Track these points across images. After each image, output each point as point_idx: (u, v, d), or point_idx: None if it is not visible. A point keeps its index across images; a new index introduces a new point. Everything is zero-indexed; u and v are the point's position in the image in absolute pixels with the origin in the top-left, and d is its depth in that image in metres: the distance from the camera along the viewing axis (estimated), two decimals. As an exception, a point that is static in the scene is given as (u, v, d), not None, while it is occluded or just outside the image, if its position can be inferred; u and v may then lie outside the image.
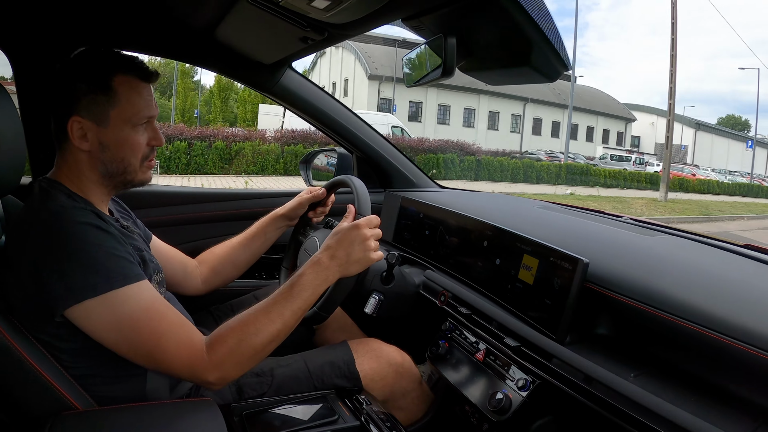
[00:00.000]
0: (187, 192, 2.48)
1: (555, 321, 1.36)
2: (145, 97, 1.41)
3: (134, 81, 1.39)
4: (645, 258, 1.47)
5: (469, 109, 46.41)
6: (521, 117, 49.30)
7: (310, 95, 2.31)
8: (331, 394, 1.57)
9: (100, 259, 1.24)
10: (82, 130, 1.37)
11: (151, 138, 1.46)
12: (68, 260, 1.22)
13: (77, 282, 1.21)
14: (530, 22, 1.14)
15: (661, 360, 1.22)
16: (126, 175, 1.44)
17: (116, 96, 1.37)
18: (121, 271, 1.26)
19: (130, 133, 1.40)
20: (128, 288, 1.26)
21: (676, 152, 56.83)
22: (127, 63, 1.40)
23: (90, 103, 1.35)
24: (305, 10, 1.40)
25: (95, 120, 1.36)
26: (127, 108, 1.38)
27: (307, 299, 1.41)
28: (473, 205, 2.04)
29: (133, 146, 1.42)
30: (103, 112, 1.36)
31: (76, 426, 1.24)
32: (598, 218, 1.91)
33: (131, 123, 1.39)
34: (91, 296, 1.22)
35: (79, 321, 1.25)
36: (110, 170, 1.42)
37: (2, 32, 1.92)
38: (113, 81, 1.36)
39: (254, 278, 2.45)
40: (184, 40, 2.11)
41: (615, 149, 48.86)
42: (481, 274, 1.71)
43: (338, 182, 1.94)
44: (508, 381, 1.44)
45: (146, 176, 1.49)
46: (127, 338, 1.26)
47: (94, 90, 1.35)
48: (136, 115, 1.40)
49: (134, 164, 1.43)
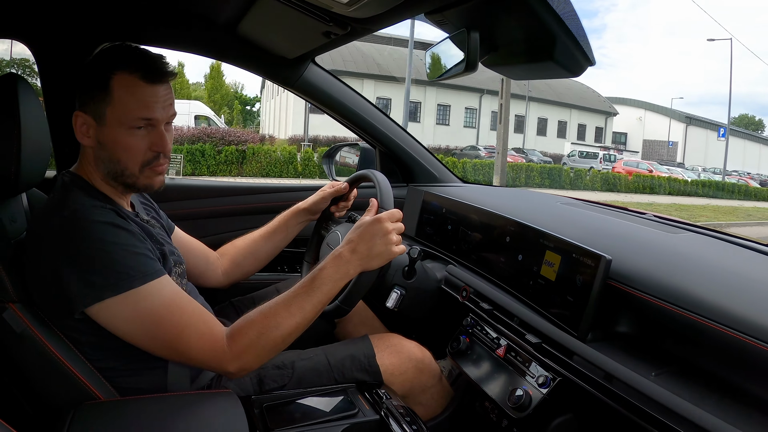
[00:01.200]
0: (210, 185, 2.50)
1: (577, 318, 1.34)
2: (144, 99, 1.36)
3: (134, 81, 1.34)
4: (668, 256, 1.45)
5: (415, 102, 40.32)
6: (477, 110, 43.86)
7: (333, 90, 2.32)
8: (352, 388, 1.58)
9: (119, 258, 1.26)
10: (85, 126, 1.37)
11: (152, 143, 1.40)
12: (87, 259, 1.24)
13: (97, 281, 1.23)
14: (553, 16, 1.13)
15: (683, 359, 1.20)
16: (125, 178, 1.41)
17: (111, 94, 1.34)
18: (141, 269, 1.27)
19: (124, 135, 1.36)
20: (148, 285, 1.27)
21: (663, 149, 54.71)
22: (131, 61, 1.36)
23: (89, 99, 1.35)
24: (328, 4, 1.41)
25: (94, 117, 1.36)
26: (119, 108, 1.34)
27: (328, 293, 1.42)
28: (496, 201, 2.02)
29: (128, 149, 1.37)
30: (99, 109, 1.35)
31: (97, 416, 1.25)
32: (622, 215, 1.89)
33: (125, 124, 1.35)
34: (111, 295, 1.24)
35: (100, 318, 1.27)
36: (110, 170, 1.40)
37: (28, 28, 1.95)
38: (111, 79, 1.33)
39: (276, 271, 2.46)
40: (208, 34, 2.12)
41: (586, 145, 44.30)
42: (503, 270, 1.70)
43: (361, 177, 1.94)
44: (529, 378, 1.43)
45: (151, 181, 1.44)
46: (148, 333, 1.28)
47: (93, 86, 1.35)
48: (128, 116, 1.35)
49: (131, 168, 1.39)
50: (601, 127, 52.21)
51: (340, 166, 2.70)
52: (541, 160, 34.07)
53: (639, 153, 50.59)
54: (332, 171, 2.66)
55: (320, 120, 32.12)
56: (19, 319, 1.27)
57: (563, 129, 48.93)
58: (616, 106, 54.72)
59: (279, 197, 2.52)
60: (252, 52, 2.16)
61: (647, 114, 57.66)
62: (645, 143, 55.89)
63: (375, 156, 2.61)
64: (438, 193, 2.25)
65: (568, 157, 38.90)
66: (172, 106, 1.43)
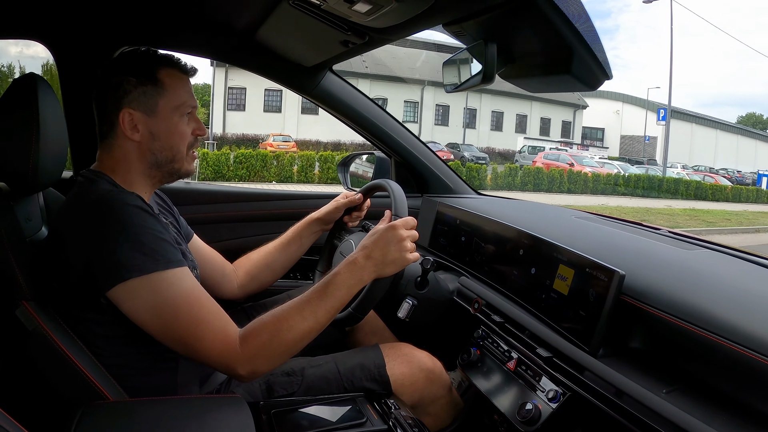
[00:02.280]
0: (226, 191, 2.51)
1: (589, 333, 1.34)
2: (188, 88, 1.49)
3: (177, 73, 1.47)
4: (682, 272, 1.44)
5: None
6: (419, 104, 40.88)
7: (350, 99, 2.33)
8: (360, 397, 1.57)
9: (146, 241, 1.28)
10: (133, 122, 1.42)
11: (195, 128, 1.52)
12: (115, 240, 1.26)
13: (123, 261, 1.25)
14: (571, 29, 1.13)
15: (695, 377, 1.19)
16: (174, 163, 1.49)
17: (163, 86, 1.44)
18: (166, 255, 1.29)
19: (178, 122, 1.47)
20: (171, 272, 1.29)
21: (638, 144, 49.75)
22: (168, 58, 1.48)
23: (140, 94, 1.42)
24: (347, 13, 1.42)
25: (145, 110, 1.43)
26: (173, 98, 1.45)
27: (341, 298, 1.42)
28: (510, 214, 2.02)
29: (181, 134, 1.48)
30: (152, 102, 1.43)
31: (106, 416, 1.26)
32: (636, 230, 1.87)
33: (178, 112, 1.46)
34: (136, 275, 1.25)
35: (121, 301, 1.28)
36: (159, 159, 1.47)
37: (49, 31, 1.97)
38: (159, 72, 1.44)
39: (289, 278, 2.47)
40: (226, 41, 2.14)
41: (539, 140, 40.73)
42: (515, 283, 1.70)
43: (375, 186, 1.94)
44: (539, 392, 1.42)
45: (191, 167, 1.55)
46: (165, 322, 1.29)
47: (143, 82, 1.42)
48: (183, 104, 1.47)
49: (181, 152, 1.49)
50: (569, 121, 47.93)
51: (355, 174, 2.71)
52: (473, 156, 31.69)
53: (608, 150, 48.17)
54: (347, 180, 2.67)
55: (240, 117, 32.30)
56: (32, 316, 1.29)
57: (522, 123, 45.52)
58: (592, 99, 50.59)
59: (293, 204, 2.53)
60: (270, 59, 2.18)
61: (625, 107, 52.75)
62: (622, 139, 51.85)
63: (390, 166, 2.61)
64: (452, 204, 2.25)
65: (519, 153, 37.35)
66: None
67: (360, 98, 2.35)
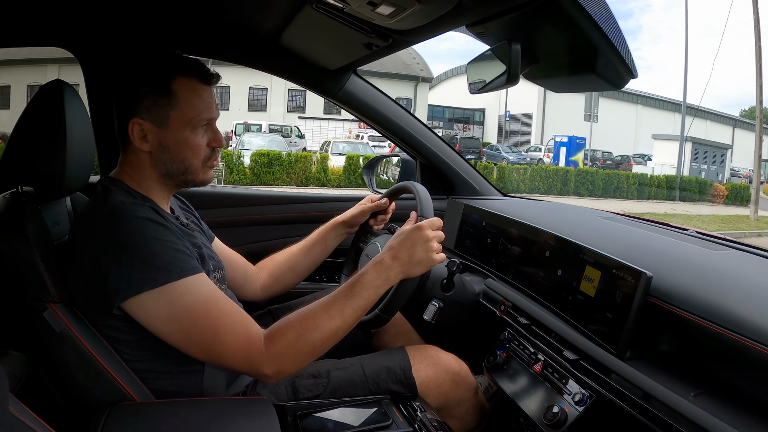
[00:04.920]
0: (250, 194, 2.53)
1: (616, 335, 1.32)
2: (206, 100, 1.44)
3: (194, 83, 1.42)
4: (711, 273, 1.42)
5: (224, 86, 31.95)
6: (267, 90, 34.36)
7: (375, 101, 2.33)
8: (386, 399, 1.57)
9: (158, 252, 1.28)
10: (143, 132, 1.41)
11: (211, 139, 1.48)
12: (127, 253, 1.27)
13: (135, 274, 1.26)
14: (596, 28, 1.12)
15: (723, 380, 1.17)
16: (187, 175, 1.47)
17: (176, 98, 1.40)
18: (179, 264, 1.30)
19: (190, 135, 1.43)
20: (186, 281, 1.29)
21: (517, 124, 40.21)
22: (187, 66, 1.43)
23: (150, 104, 1.40)
24: (370, 16, 1.42)
25: (155, 122, 1.41)
26: (186, 110, 1.41)
27: (368, 298, 1.42)
28: (536, 215, 2.00)
29: (193, 148, 1.44)
30: (163, 113, 1.40)
31: (132, 417, 1.27)
32: (663, 230, 1.85)
33: (191, 125, 1.42)
34: (148, 288, 1.26)
35: (137, 313, 1.29)
36: (170, 170, 1.46)
37: (73, 37, 2.01)
38: (173, 83, 1.40)
39: (315, 281, 2.47)
40: (250, 45, 2.16)
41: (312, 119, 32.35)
42: (542, 285, 1.68)
43: (401, 188, 1.94)
44: (565, 395, 1.41)
45: (207, 176, 1.51)
46: (184, 330, 1.30)
47: (154, 92, 1.39)
48: (196, 117, 1.42)
49: (195, 165, 1.46)
50: (409, 99, 36.56)
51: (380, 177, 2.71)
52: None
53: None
54: (373, 182, 2.67)
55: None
56: (59, 319, 1.31)
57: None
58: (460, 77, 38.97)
59: (318, 207, 2.54)
60: (294, 62, 2.19)
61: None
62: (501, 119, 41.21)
63: (416, 168, 2.61)
64: (478, 205, 2.24)
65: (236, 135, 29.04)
66: (218, 106, 1.51)
67: (384, 100, 2.35)
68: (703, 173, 31.18)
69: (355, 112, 2.37)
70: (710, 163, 33.36)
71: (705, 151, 33.25)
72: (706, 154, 33.22)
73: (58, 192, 1.45)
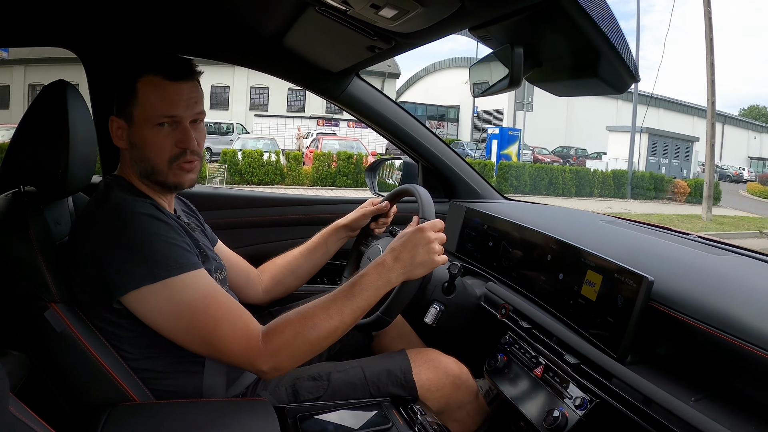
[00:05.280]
0: (251, 196, 2.53)
1: (617, 339, 1.32)
2: (169, 97, 1.40)
3: (158, 80, 1.40)
4: (712, 278, 1.42)
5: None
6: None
7: (377, 104, 2.33)
8: (386, 402, 1.57)
9: (158, 248, 1.29)
10: (120, 129, 1.43)
11: (177, 139, 1.42)
12: (127, 248, 1.28)
13: (135, 269, 1.26)
14: (598, 32, 1.12)
15: (724, 384, 1.17)
16: (156, 175, 1.44)
17: (137, 95, 1.40)
18: (179, 260, 1.31)
19: (150, 133, 1.41)
20: (185, 276, 1.30)
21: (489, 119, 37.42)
22: (156, 63, 1.41)
23: (119, 102, 1.42)
24: (372, 19, 1.42)
25: (125, 119, 1.42)
26: (146, 107, 1.40)
27: (368, 299, 1.42)
28: (538, 218, 2.01)
29: (155, 147, 1.41)
30: (128, 111, 1.41)
31: (133, 417, 1.28)
32: (665, 235, 1.85)
33: (150, 122, 1.40)
34: (148, 283, 1.27)
35: (136, 308, 1.30)
36: (142, 169, 1.45)
37: (76, 38, 2.01)
38: (138, 81, 1.40)
39: (316, 283, 2.47)
40: (253, 47, 2.16)
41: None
42: (543, 289, 1.68)
43: (402, 191, 1.94)
44: (566, 399, 1.41)
45: (178, 179, 1.46)
46: (183, 325, 1.31)
47: (122, 90, 1.42)
48: (155, 115, 1.40)
49: (160, 165, 1.43)
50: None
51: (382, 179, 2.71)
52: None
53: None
54: (374, 185, 2.67)
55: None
56: (60, 318, 1.31)
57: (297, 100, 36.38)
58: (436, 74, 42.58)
59: (319, 210, 2.54)
60: (297, 65, 2.19)
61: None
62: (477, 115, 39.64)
63: (418, 171, 2.61)
64: (480, 209, 2.24)
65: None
66: (198, 104, 1.46)
67: (387, 103, 2.35)
68: (663, 168, 29.66)
69: (358, 115, 2.37)
70: (672, 157, 31.06)
71: (666, 144, 30.99)
72: (666, 147, 30.97)
73: (60, 192, 1.45)
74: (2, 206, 1.43)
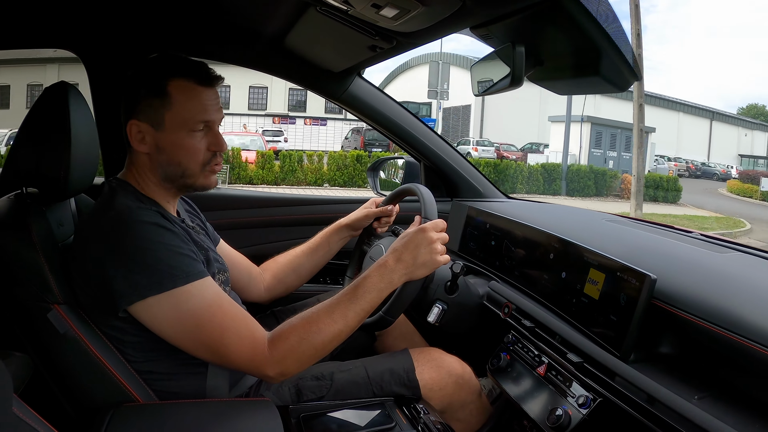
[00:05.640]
0: (255, 196, 2.53)
1: (620, 338, 1.32)
2: (203, 102, 1.42)
3: (190, 85, 1.41)
4: (715, 276, 1.41)
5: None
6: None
7: (379, 103, 2.33)
8: (389, 402, 1.57)
9: (163, 257, 1.29)
10: (141, 134, 1.41)
11: (210, 143, 1.46)
12: (132, 258, 1.27)
13: (141, 279, 1.26)
14: (599, 30, 1.12)
15: (727, 383, 1.17)
16: (185, 179, 1.46)
17: (170, 99, 1.39)
18: (184, 269, 1.30)
19: (186, 138, 1.42)
20: (191, 285, 1.30)
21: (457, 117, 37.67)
22: (185, 68, 1.42)
23: (146, 106, 1.40)
24: (374, 19, 1.42)
25: (151, 123, 1.41)
26: (181, 112, 1.40)
27: (371, 301, 1.42)
28: (540, 217, 2.00)
29: (189, 150, 1.43)
30: (158, 115, 1.40)
31: (136, 418, 1.28)
32: (667, 233, 1.84)
33: (186, 127, 1.41)
34: (154, 293, 1.26)
35: (142, 317, 1.30)
36: (168, 173, 1.45)
37: (79, 39, 2.02)
38: (168, 85, 1.39)
39: (318, 283, 2.47)
40: (254, 48, 2.17)
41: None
42: (546, 287, 1.68)
43: (404, 191, 1.94)
44: (569, 397, 1.40)
45: (208, 181, 1.49)
46: (189, 333, 1.31)
47: (149, 93, 1.39)
48: (191, 120, 1.41)
49: (192, 169, 1.45)
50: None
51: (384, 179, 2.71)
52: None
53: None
54: (377, 184, 2.67)
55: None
56: (63, 320, 1.31)
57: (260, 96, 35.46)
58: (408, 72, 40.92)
59: (322, 209, 2.54)
60: (298, 65, 2.19)
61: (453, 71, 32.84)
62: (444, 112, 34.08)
63: (420, 170, 2.61)
64: (482, 208, 2.23)
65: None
66: (222, 109, 1.49)
67: (389, 103, 2.35)
68: (611, 162, 27.23)
69: (360, 114, 2.37)
70: (622, 149, 28.14)
71: (613, 135, 28.22)
72: (614, 139, 28.33)
73: (62, 194, 1.45)
74: (5, 208, 1.43)
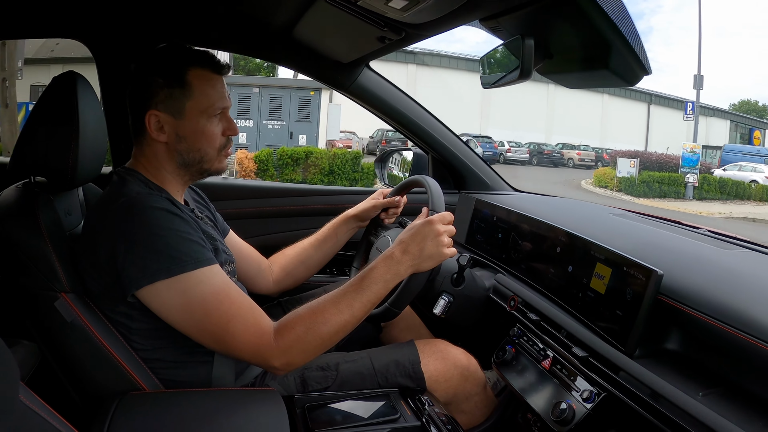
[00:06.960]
0: (261, 186, 2.54)
1: (625, 333, 1.31)
2: (219, 89, 1.47)
3: (207, 74, 1.45)
4: (722, 272, 1.40)
5: None
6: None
7: (387, 95, 2.33)
8: (394, 393, 1.57)
9: (173, 243, 1.30)
10: (159, 123, 1.43)
11: (225, 128, 1.51)
12: (142, 243, 1.28)
13: (150, 264, 1.27)
14: (609, 24, 1.11)
15: (732, 380, 1.16)
16: (203, 164, 1.49)
17: (191, 89, 1.42)
18: (194, 255, 1.31)
19: (206, 124, 1.45)
20: (200, 271, 1.30)
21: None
22: (200, 57, 1.46)
23: (166, 96, 1.42)
24: (383, 9, 1.41)
25: (171, 113, 1.43)
26: (201, 100, 1.43)
27: (378, 292, 1.42)
28: (548, 211, 2.00)
29: (209, 137, 1.47)
30: (178, 104, 1.42)
31: (142, 406, 1.29)
32: (675, 228, 1.83)
33: (206, 114, 1.45)
34: (163, 278, 1.27)
35: (150, 302, 1.31)
36: (187, 160, 1.47)
37: (88, 29, 2.02)
38: (188, 74, 1.42)
39: (326, 274, 2.48)
40: (263, 38, 2.16)
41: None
42: (552, 281, 1.67)
43: (412, 182, 1.94)
44: (574, 392, 1.40)
45: (222, 165, 1.54)
46: (196, 320, 1.31)
47: (170, 84, 1.41)
48: (211, 107, 1.45)
49: (211, 153, 1.49)
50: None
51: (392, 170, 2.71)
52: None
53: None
54: (384, 176, 2.67)
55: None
56: (70, 308, 1.32)
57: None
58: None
59: (329, 200, 2.54)
60: (307, 55, 2.19)
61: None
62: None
63: (428, 162, 2.60)
64: (489, 200, 2.23)
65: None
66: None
67: (397, 94, 2.35)
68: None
69: (368, 106, 2.37)
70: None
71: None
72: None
73: (70, 183, 1.46)
74: (13, 197, 1.44)
